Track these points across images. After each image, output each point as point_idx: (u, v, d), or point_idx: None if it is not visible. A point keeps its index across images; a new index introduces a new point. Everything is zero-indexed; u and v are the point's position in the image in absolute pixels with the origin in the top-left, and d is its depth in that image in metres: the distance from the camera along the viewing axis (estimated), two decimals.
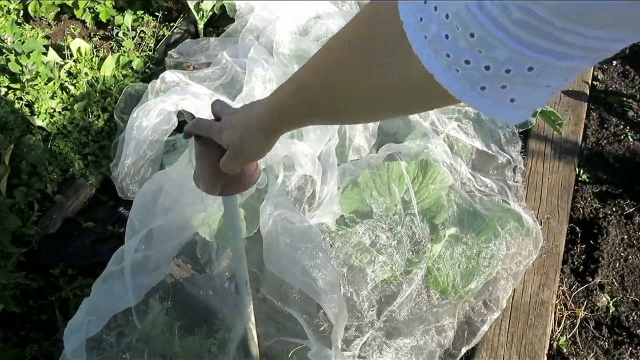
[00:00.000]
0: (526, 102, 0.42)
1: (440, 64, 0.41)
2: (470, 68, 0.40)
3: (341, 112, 0.60)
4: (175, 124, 1.71)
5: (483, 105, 0.42)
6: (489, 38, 0.38)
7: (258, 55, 1.75)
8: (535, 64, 0.38)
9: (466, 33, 0.39)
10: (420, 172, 1.56)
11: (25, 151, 1.80)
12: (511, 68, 0.39)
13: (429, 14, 0.41)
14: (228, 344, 1.38)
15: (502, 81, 0.40)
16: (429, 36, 0.41)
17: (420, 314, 1.46)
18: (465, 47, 0.39)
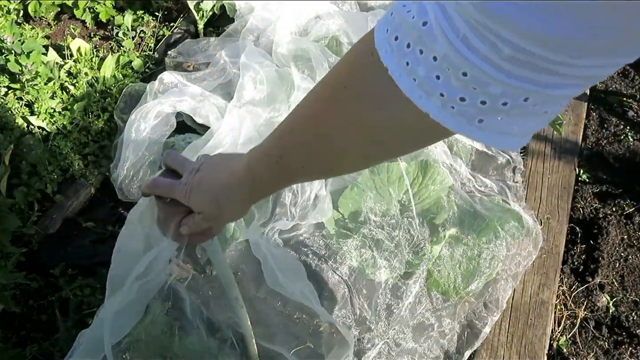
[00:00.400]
0: (525, 129, 0.43)
1: (434, 103, 0.41)
2: (466, 105, 0.40)
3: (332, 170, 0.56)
4: (174, 125, 1.71)
5: (482, 137, 0.42)
6: (481, 76, 0.38)
7: (249, 60, 1.75)
8: (531, 95, 0.39)
9: (458, 73, 0.38)
10: (420, 172, 1.56)
11: (25, 151, 1.80)
12: (507, 101, 0.39)
13: (414, 58, 0.40)
14: (228, 344, 1.38)
15: (499, 114, 0.40)
16: (418, 79, 0.41)
17: (423, 318, 1.46)
18: (458, 86, 0.39)
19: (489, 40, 0.36)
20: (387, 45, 0.42)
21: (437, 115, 0.41)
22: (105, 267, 1.60)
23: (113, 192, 1.75)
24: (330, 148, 0.53)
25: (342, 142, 0.51)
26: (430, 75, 0.40)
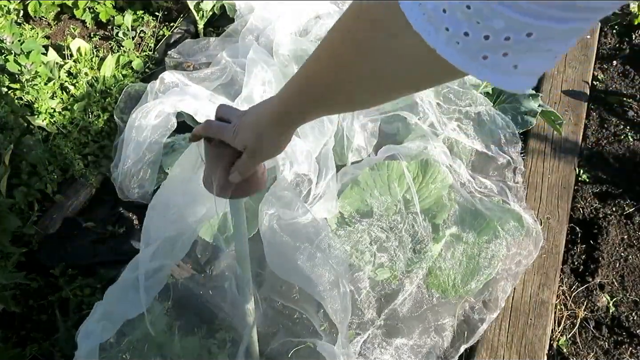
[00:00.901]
0: (530, 67, 0.42)
1: (440, 38, 0.42)
2: (470, 39, 0.40)
3: (351, 94, 0.60)
4: (174, 125, 1.71)
5: (486, 75, 0.42)
6: (484, 8, 0.38)
7: (257, 56, 1.75)
8: (534, 30, 0.38)
9: (462, 6, 0.39)
10: (421, 171, 1.56)
11: (25, 151, 1.80)
12: (510, 35, 0.39)
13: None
14: (228, 344, 1.38)
15: (503, 49, 0.40)
16: (427, 12, 0.42)
17: (420, 312, 1.46)
18: (462, 19, 0.40)
19: None
20: None
21: (443, 50, 0.42)
22: (105, 267, 1.61)
23: (113, 192, 1.75)
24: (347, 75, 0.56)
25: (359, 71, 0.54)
26: (437, 8, 0.41)
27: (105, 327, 1.11)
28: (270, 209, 1.35)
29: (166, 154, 1.72)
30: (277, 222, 1.33)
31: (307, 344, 1.39)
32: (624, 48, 2.41)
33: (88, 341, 1.09)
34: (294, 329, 1.44)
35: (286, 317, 1.46)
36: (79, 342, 1.10)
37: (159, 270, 1.14)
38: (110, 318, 1.12)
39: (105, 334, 1.11)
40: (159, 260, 1.15)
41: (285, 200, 1.37)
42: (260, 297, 1.44)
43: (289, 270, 1.30)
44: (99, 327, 1.11)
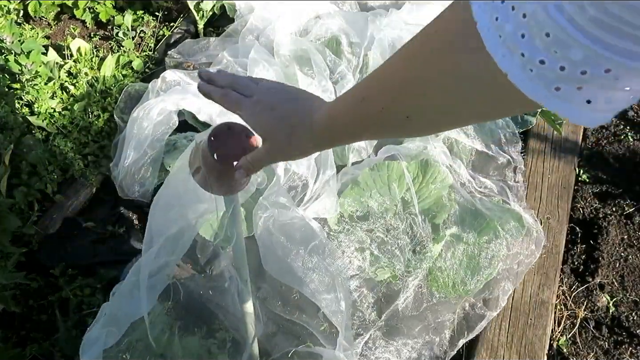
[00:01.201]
0: (604, 105, 0.41)
1: (514, 63, 0.41)
2: (545, 68, 0.40)
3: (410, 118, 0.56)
4: (176, 123, 1.71)
5: (557, 106, 0.41)
6: (564, 37, 0.38)
7: (259, 56, 1.75)
8: (613, 66, 0.38)
9: (542, 32, 0.38)
10: (421, 171, 1.56)
11: (25, 151, 1.80)
12: (587, 69, 0.38)
13: (505, 14, 0.41)
14: (228, 344, 1.38)
15: (578, 83, 0.39)
16: (503, 35, 0.41)
17: (420, 312, 1.46)
18: (540, 47, 0.39)
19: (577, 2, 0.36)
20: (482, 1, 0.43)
21: (515, 76, 0.41)
22: (105, 267, 1.61)
23: (113, 192, 1.75)
24: (412, 93, 0.53)
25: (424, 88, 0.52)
26: (516, 32, 0.40)
27: (110, 332, 1.11)
28: (267, 210, 1.35)
29: (167, 152, 1.72)
30: (273, 223, 1.33)
31: (307, 344, 1.39)
32: None
33: (93, 348, 1.09)
34: (293, 329, 1.44)
35: (285, 318, 1.46)
36: (82, 350, 1.10)
37: (161, 269, 1.14)
38: (115, 323, 1.12)
39: (110, 340, 1.11)
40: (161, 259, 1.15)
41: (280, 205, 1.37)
42: (259, 298, 1.44)
43: (284, 272, 1.30)
44: (103, 333, 1.11)
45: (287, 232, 1.32)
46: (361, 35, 1.95)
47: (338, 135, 0.66)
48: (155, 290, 1.14)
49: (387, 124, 0.59)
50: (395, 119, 0.57)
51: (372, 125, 0.61)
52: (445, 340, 1.45)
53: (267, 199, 1.38)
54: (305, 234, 1.32)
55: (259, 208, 1.36)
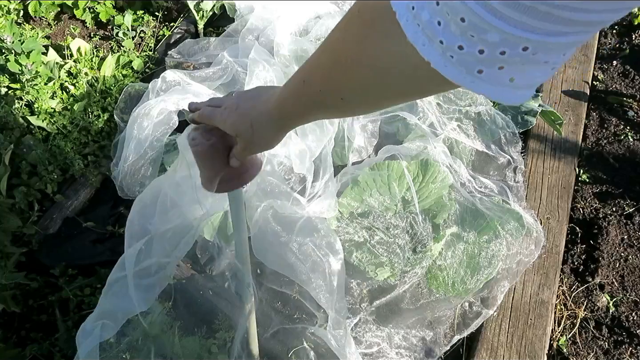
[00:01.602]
0: (526, 80, 0.42)
1: (435, 50, 0.41)
2: (464, 53, 0.40)
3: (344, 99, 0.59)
4: (176, 123, 1.71)
5: (482, 88, 0.41)
6: (479, 22, 0.37)
7: (259, 56, 1.75)
8: (530, 44, 0.38)
9: (457, 18, 0.38)
10: (421, 171, 1.56)
11: (25, 151, 1.80)
12: (506, 50, 0.38)
13: (420, 2, 0.41)
14: (228, 344, 1.38)
15: (499, 63, 0.40)
16: (421, 24, 0.41)
17: (417, 307, 1.46)
18: (457, 33, 0.39)
19: None
20: None
21: (437, 63, 0.41)
22: (105, 267, 1.61)
23: (113, 191, 1.75)
24: (342, 74, 0.55)
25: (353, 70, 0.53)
26: (432, 20, 0.40)
27: (106, 325, 1.11)
28: (261, 201, 1.35)
29: (167, 152, 1.72)
30: (272, 214, 1.33)
31: (307, 344, 1.39)
32: (624, 48, 2.41)
33: (88, 341, 1.09)
34: (290, 319, 1.44)
35: (286, 317, 1.46)
36: (78, 342, 1.10)
37: (162, 269, 1.14)
38: (110, 317, 1.11)
39: (106, 333, 1.11)
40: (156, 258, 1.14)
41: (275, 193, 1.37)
42: (259, 297, 1.44)
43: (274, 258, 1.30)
44: (98, 326, 1.10)
45: (284, 222, 1.31)
46: None
47: (291, 116, 0.69)
48: (153, 292, 1.13)
49: (327, 105, 0.62)
50: (333, 100, 0.59)
51: (315, 106, 0.64)
52: (441, 335, 1.45)
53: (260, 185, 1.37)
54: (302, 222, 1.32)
55: (254, 197, 1.36)
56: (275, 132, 0.73)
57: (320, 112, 0.68)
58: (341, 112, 0.70)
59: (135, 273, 1.12)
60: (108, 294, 1.15)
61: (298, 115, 0.69)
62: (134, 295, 1.10)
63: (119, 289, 1.14)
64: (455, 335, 1.45)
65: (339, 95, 0.58)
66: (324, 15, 2.03)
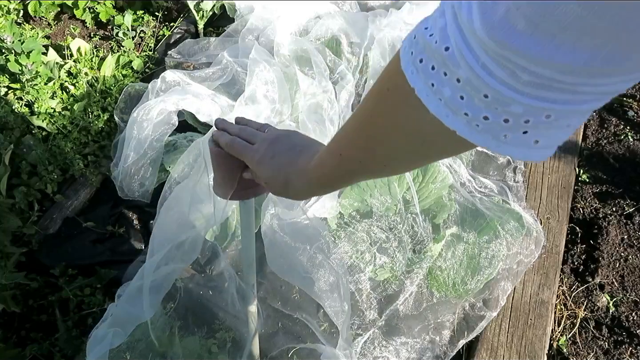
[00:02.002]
0: (550, 141, 0.44)
1: (459, 121, 0.43)
2: (490, 123, 0.42)
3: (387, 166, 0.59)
4: (176, 123, 1.71)
5: (509, 151, 0.43)
6: (502, 98, 0.39)
7: (259, 56, 1.75)
8: (552, 112, 0.40)
9: (480, 94, 0.40)
10: (421, 171, 1.56)
11: (25, 151, 1.80)
12: (530, 119, 0.41)
13: (439, 79, 0.42)
14: (228, 344, 1.38)
15: (523, 128, 0.42)
16: (443, 99, 0.43)
17: (420, 311, 1.46)
18: (481, 106, 0.41)
19: (508, 68, 0.38)
20: (412, 67, 0.45)
21: (463, 132, 0.43)
22: (105, 267, 1.61)
23: (113, 191, 1.75)
24: (379, 145, 0.56)
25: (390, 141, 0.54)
26: (455, 95, 0.42)
27: (116, 334, 1.11)
28: (272, 209, 1.35)
29: (167, 152, 1.72)
30: (278, 221, 1.33)
31: (307, 344, 1.39)
32: None
33: (98, 347, 1.09)
34: (293, 329, 1.44)
35: (286, 317, 1.46)
36: (88, 349, 1.11)
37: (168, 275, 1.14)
38: (120, 324, 1.12)
39: (116, 340, 1.11)
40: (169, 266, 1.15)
41: (286, 202, 1.38)
42: (260, 296, 1.44)
43: (288, 270, 1.30)
44: (109, 333, 1.11)
45: (291, 231, 1.32)
46: (361, 35, 1.95)
47: (330, 183, 0.68)
48: (159, 295, 1.14)
49: (369, 172, 0.63)
50: (375, 168, 0.61)
51: (356, 175, 0.64)
52: (445, 340, 1.45)
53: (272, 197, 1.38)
54: (309, 233, 1.32)
55: (268, 204, 1.36)
56: (310, 194, 0.73)
57: (363, 177, 0.68)
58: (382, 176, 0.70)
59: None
60: (123, 301, 1.16)
61: (338, 182, 0.68)
62: (147, 303, 1.10)
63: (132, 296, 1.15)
64: (460, 340, 1.45)
65: (380, 164, 0.59)
66: (324, 15, 2.03)
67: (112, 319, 1.13)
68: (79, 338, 1.45)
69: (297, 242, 1.30)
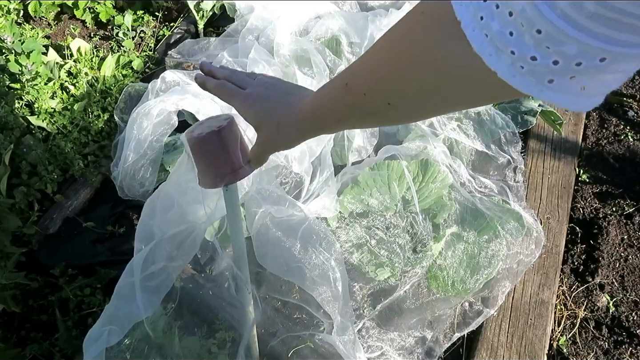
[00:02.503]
0: (599, 88, 0.41)
1: (503, 61, 0.40)
2: (537, 64, 0.39)
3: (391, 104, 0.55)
4: (176, 123, 1.71)
5: (552, 97, 0.40)
6: (557, 34, 0.36)
7: (259, 56, 1.75)
8: (608, 55, 0.37)
9: (532, 30, 0.37)
10: (421, 171, 1.56)
11: (25, 151, 1.80)
12: (582, 61, 0.37)
13: (490, 12, 0.39)
14: (228, 344, 1.38)
15: (572, 73, 0.39)
16: (490, 34, 0.40)
17: (417, 307, 1.46)
18: (531, 44, 0.38)
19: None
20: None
21: (504, 73, 0.40)
22: (105, 267, 1.61)
23: (113, 191, 1.75)
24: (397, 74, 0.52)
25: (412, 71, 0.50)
26: (503, 30, 0.39)
27: (112, 332, 1.11)
28: (259, 207, 1.35)
29: (167, 152, 1.72)
30: (270, 219, 1.33)
31: (308, 344, 1.39)
32: None
33: (94, 346, 1.09)
34: (294, 328, 1.44)
35: (286, 316, 1.46)
36: (84, 348, 1.11)
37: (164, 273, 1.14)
38: (116, 322, 1.12)
39: (112, 339, 1.11)
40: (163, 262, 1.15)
41: (273, 198, 1.37)
42: (260, 296, 1.44)
43: (276, 263, 1.30)
44: (105, 332, 1.11)
45: (284, 227, 1.31)
46: (361, 35, 1.95)
47: (324, 121, 0.66)
48: (159, 295, 1.14)
49: (369, 110, 0.59)
50: (378, 105, 0.57)
51: (355, 111, 0.60)
52: (441, 335, 1.45)
53: (259, 192, 1.37)
54: (303, 227, 1.32)
55: (252, 202, 1.36)
56: (302, 135, 0.70)
57: (358, 119, 0.64)
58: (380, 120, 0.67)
59: (142, 278, 1.12)
60: (115, 299, 1.16)
61: (332, 121, 0.65)
62: (141, 301, 1.10)
63: (126, 294, 1.14)
64: (455, 333, 1.45)
65: (386, 99, 0.55)
66: (324, 15, 2.03)
67: (107, 317, 1.12)
68: (79, 338, 1.45)
69: (289, 236, 1.30)
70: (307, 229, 1.30)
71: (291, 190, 1.53)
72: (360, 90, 0.57)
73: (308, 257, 1.26)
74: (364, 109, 0.59)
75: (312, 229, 1.30)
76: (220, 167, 0.82)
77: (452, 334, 1.46)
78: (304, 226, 1.31)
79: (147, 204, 1.19)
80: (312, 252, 1.27)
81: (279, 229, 1.30)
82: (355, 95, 0.58)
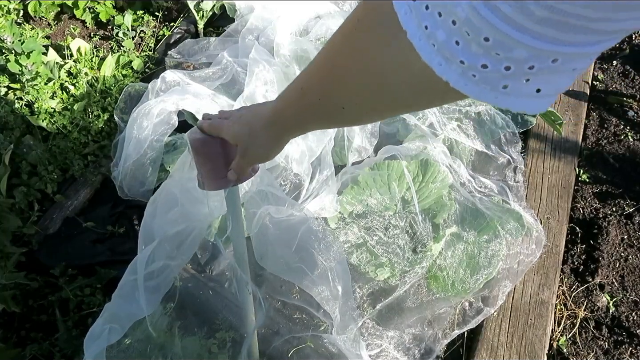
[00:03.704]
0: (553, 89, 0.40)
1: (454, 70, 0.39)
2: (488, 71, 0.38)
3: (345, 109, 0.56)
4: (176, 123, 1.71)
5: (508, 103, 0.39)
6: (505, 40, 0.35)
7: (259, 56, 1.75)
8: (560, 56, 0.36)
9: (479, 38, 0.36)
10: (421, 171, 1.56)
11: (25, 151, 1.80)
12: (535, 64, 0.37)
13: (433, 21, 0.38)
14: (228, 344, 1.38)
15: (525, 76, 0.38)
16: (437, 44, 0.38)
17: (417, 306, 1.46)
18: (479, 52, 0.37)
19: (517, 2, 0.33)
20: (406, 6, 0.40)
21: (457, 83, 0.39)
22: (105, 267, 1.61)
23: (113, 191, 1.75)
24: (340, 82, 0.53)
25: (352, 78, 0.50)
26: (449, 40, 0.37)
27: (113, 330, 1.11)
28: (259, 207, 1.35)
29: (167, 152, 1.72)
30: (270, 219, 1.33)
31: (308, 344, 1.39)
32: (624, 48, 2.41)
33: (95, 344, 1.09)
34: (294, 328, 1.44)
35: (286, 317, 1.46)
36: (85, 346, 1.11)
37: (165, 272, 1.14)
38: (117, 320, 1.12)
39: (113, 337, 1.11)
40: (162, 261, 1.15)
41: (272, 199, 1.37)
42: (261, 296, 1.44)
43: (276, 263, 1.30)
44: (105, 330, 1.11)
45: (283, 227, 1.32)
46: None
47: (288, 125, 0.68)
48: (159, 294, 1.14)
49: (326, 113, 0.59)
50: (333, 109, 0.57)
51: (314, 115, 0.61)
52: (440, 333, 1.45)
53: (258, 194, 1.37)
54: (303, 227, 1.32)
55: (251, 203, 1.36)
56: (272, 141, 0.72)
57: (320, 121, 0.66)
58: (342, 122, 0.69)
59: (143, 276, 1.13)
60: (117, 297, 1.16)
61: (296, 124, 0.67)
62: (143, 299, 1.10)
63: (127, 292, 1.15)
64: (455, 329, 1.45)
65: (339, 104, 0.55)
66: (324, 15, 2.03)
67: (107, 316, 1.13)
68: (79, 338, 1.45)
69: (288, 236, 1.30)
70: (306, 229, 1.30)
71: (291, 191, 1.53)
72: (315, 96, 0.58)
73: (308, 257, 1.27)
74: (321, 112, 0.60)
75: (312, 229, 1.30)
76: (223, 170, 0.84)
77: (451, 332, 1.46)
78: (304, 226, 1.31)
79: (149, 203, 1.19)
80: (312, 252, 1.27)
81: (278, 229, 1.31)
82: (311, 100, 0.59)
